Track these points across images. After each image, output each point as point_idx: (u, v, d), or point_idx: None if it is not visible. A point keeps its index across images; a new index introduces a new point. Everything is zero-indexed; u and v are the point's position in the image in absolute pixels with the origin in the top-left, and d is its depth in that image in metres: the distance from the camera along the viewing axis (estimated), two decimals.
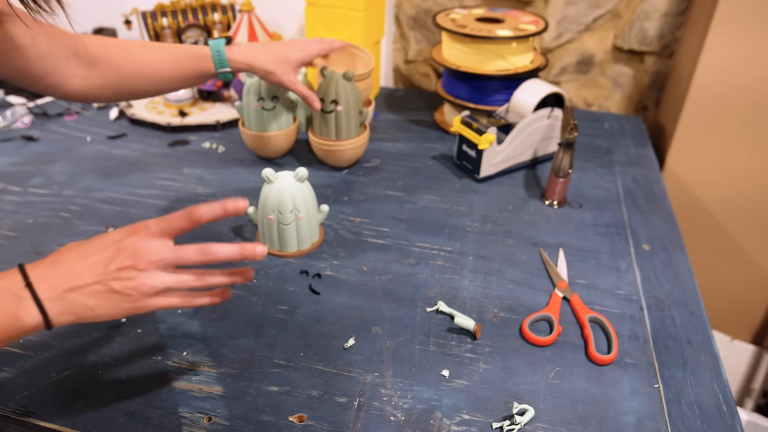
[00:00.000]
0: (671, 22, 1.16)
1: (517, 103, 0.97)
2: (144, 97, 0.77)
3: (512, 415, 0.56)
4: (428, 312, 0.69)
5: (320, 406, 0.57)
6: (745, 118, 1.02)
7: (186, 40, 1.18)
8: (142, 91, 0.75)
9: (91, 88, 0.70)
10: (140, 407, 0.56)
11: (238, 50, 0.79)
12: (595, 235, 0.84)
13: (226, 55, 0.77)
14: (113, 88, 0.72)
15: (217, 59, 0.77)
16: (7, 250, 0.78)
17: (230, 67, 0.78)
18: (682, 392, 0.60)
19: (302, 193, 0.74)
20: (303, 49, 0.83)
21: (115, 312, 0.46)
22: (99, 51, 0.70)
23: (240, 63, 0.79)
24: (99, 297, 0.46)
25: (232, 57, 0.78)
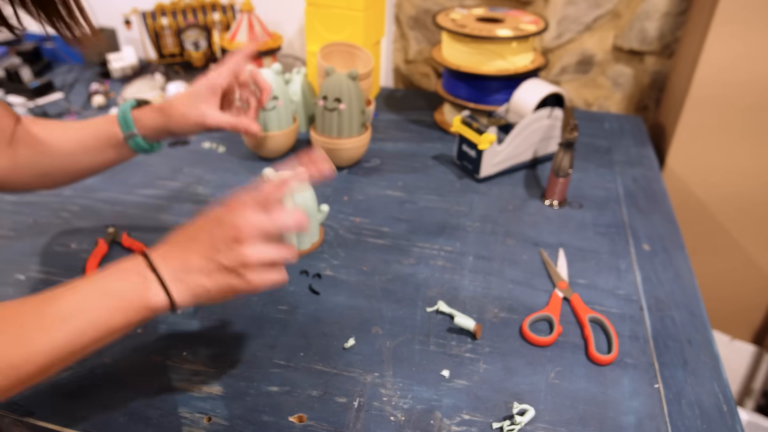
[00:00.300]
0: (671, 22, 1.16)
1: (517, 103, 0.97)
2: (65, 180, 0.69)
3: (512, 415, 0.56)
4: (428, 312, 0.69)
5: (320, 406, 0.57)
6: (745, 118, 1.02)
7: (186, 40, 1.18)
8: (61, 169, 0.68)
9: (13, 169, 0.64)
10: (140, 407, 0.56)
11: (150, 107, 0.70)
12: (595, 235, 0.84)
13: (131, 114, 0.67)
14: (35, 169, 0.66)
15: (122, 120, 0.67)
16: (7, 250, 0.78)
17: (137, 128, 0.68)
18: (682, 392, 0.60)
19: (302, 193, 0.74)
20: (209, 79, 0.71)
21: (227, 290, 0.48)
22: (28, 132, 0.66)
23: (150, 118, 0.68)
24: (212, 276, 0.48)
25: (139, 116, 0.68)
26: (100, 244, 0.78)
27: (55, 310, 0.44)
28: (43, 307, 0.44)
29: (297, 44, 1.37)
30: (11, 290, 0.71)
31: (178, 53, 1.20)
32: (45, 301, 0.45)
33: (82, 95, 1.26)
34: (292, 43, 1.37)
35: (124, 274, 0.47)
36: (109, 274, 0.47)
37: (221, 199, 0.52)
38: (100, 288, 0.46)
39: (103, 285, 0.46)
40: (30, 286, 0.72)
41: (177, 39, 1.18)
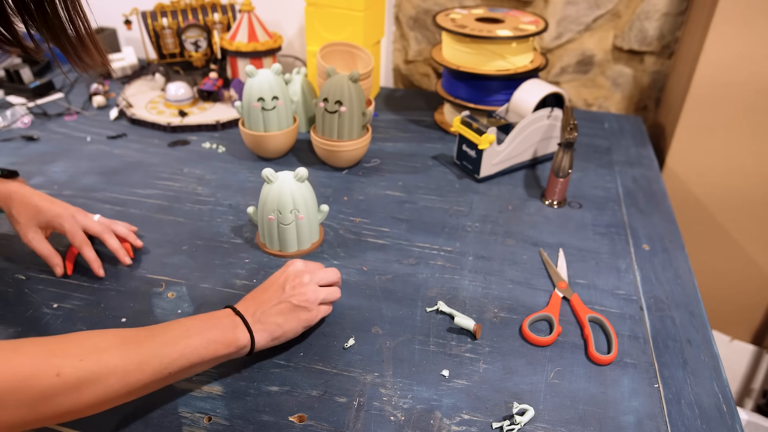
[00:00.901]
0: (671, 22, 1.16)
1: (517, 103, 0.97)
2: None
3: (512, 415, 0.56)
4: (428, 312, 0.69)
5: (320, 406, 0.57)
6: (745, 118, 1.02)
7: (186, 40, 1.18)
8: None
9: None
10: (140, 407, 0.56)
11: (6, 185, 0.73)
12: (595, 235, 0.84)
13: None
14: None
15: None
16: (8, 250, 0.78)
17: None
18: (682, 392, 0.60)
19: (302, 193, 0.74)
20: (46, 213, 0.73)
21: (298, 325, 0.61)
22: None
23: None
24: (284, 314, 0.60)
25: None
26: None
27: (165, 337, 0.52)
28: (156, 332, 0.53)
29: (297, 44, 1.37)
30: (11, 290, 0.71)
31: (178, 53, 1.20)
32: (156, 329, 0.53)
33: (83, 95, 1.26)
34: (292, 43, 1.37)
35: (217, 318, 0.57)
36: (204, 317, 0.57)
37: None
38: (200, 325, 0.55)
39: (202, 323, 0.56)
40: (30, 286, 0.72)
41: (177, 39, 1.18)
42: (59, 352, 0.46)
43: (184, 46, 1.19)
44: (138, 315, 0.67)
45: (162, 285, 0.72)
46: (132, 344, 0.50)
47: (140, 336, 0.51)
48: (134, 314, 0.68)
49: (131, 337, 0.51)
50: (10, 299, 0.70)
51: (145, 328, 0.53)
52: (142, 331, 0.52)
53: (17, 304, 0.69)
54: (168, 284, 0.72)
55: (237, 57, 1.16)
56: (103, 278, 0.73)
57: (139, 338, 0.51)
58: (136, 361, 0.49)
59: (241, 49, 1.13)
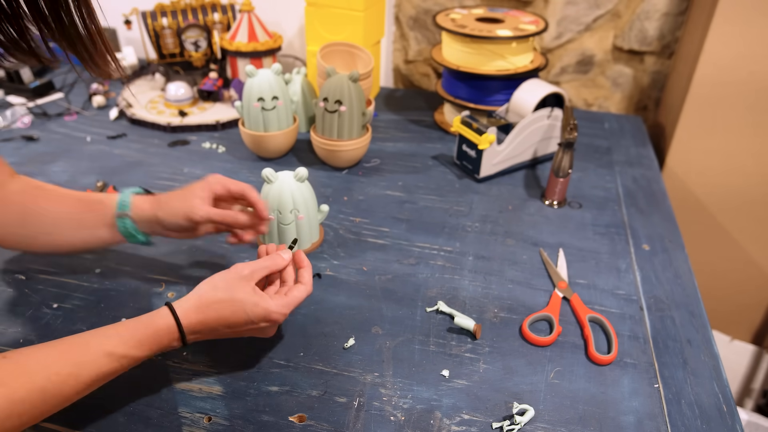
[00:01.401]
0: (671, 22, 1.16)
1: (517, 103, 0.97)
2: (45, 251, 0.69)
3: (512, 415, 0.56)
4: (428, 312, 0.69)
5: (320, 406, 0.57)
6: (745, 118, 1.02)
7: (186, 40, 1.18)
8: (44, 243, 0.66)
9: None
10: (140, 407, 0.56)
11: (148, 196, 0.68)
12: (595, 235, 0.84)
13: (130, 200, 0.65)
14: (15, 234, 0.65)
15: (121, 201, 0.65)
16: (8, 250, 0.78)
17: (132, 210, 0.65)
18: (682, 392, 0.60)
19: (302, 193, 0.74)
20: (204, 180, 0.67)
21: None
22: (18, 194, 0.65)
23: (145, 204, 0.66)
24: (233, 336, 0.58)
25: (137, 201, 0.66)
26: None
27: (91, 376, 0.49)
28: (82, 371, 0.49)
29: (297, 44, 1.37)
30: (11, 290, 0.71)
31: (178, 53, 1.20)
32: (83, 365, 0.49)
33: (83, 95, 1.26)
34: (292, 43, 1.37)
35: (159, 346, 0.53)
36: (143, 345, 0.53)
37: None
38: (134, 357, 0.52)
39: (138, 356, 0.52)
40: (30, 286, 0.72)
41: (177, 39, 1.18)
42: None
43: (184, 46, 1.19)
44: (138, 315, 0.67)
45: (162, 285, 0.72)
46: (53, 388, 0.47)
47: (63, 375, 0.48)
48: (134, 314, 0.67)
49: (53, 379, 0.47)
50: (10, 299, 0.70)
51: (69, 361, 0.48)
52: (66, 366, 0.48)
53: (17, 304, 0.69)
54: (168, 284, 0.72)
55: (237, 57, 1.16)
56: (103, 278, 0.73)
57: (61, 379, 0.47)
58: (55, 402, 0.48)
59: (241, 49, 1.13)
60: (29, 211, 0.64)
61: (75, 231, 0.65)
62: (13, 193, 0.64)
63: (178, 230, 0.66)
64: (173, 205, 0.65)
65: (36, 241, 0.66)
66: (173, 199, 0.65)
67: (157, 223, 0.66)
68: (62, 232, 0.65)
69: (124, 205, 0.65)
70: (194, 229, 0.67)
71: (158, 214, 0.65)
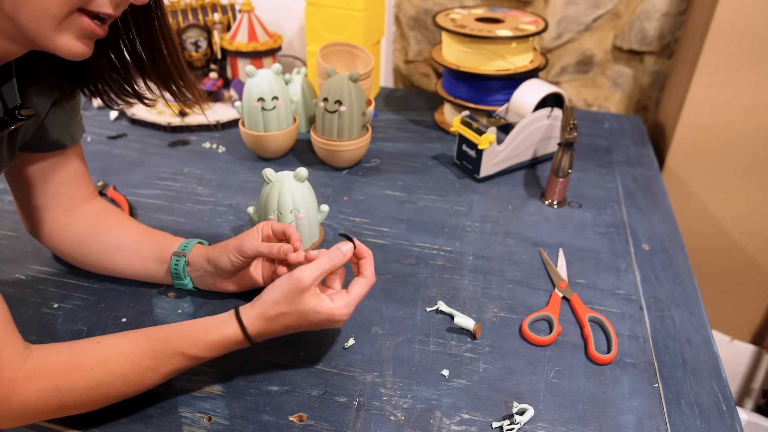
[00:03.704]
0: (671, 22, 1.16)
1: (517, 103, 0.97)
2: (100, 271, 0.71)
3: (512, 415, 0.56)
4: (428, 312, 0.69)
5: (320, 406, 0.57)
6: (744, 118, 1.02)
7: (186, 40, 1.18)
8: (100, 266, 0.70)
9: (59, 237, 0.69)
10: (140, 407, 0.56)
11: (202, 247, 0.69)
12: (594, 234, 0.84)
13: (193, 245, 0.68)
14: (76, 250, 0.70)
15: (184, 244, 0.68)
16: (8, 250, 0.78)
17: (190, 255, 0.67)
18: (681, 392, 0.60)
19: (302, 193, 0.74)
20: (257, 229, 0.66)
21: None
22: (93, 215, 0.69)
23: (201, 253, 0.67)
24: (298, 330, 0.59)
25: (197, 249, 0.68)
26: None
27: (167, 370, 0.55)
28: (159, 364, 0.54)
29: (297, 44, 1.37)
30: (11, 290, 0.71)
31: None
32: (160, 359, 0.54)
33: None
34: (292, 43, 1.37)
35: (227, 347, 0.56)
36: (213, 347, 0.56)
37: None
38: (204, 358, 0.56)
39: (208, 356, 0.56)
40: (30, 286, 0.72)
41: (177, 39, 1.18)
42: (63, 386, 0.49)
43: (184, 46, 1.19)
44: (138, 315, 0.67)
45: (162, 285, 0.72)
46: (133, 377, 0.52)
47: (143, 367, 0.53)
48: (134, 314, 0.68)
49: (135, 369, 0.53)
50: (10, 299, 0.70)
51: (149, 354, 0.53)
52: (147, 359, 0.53)
53: (17, 304, 0.69)
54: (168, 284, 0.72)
55: (237, 57, 1.16)
56: (103, 278, 0.73)
57: (142, 371, 0.53)
58: (134, 390, 0.53)
59: (241, 49, 1.13)
60: (98, 227, 0.69)
61: (129, 260, 0.69)
62: (89, 210, 0.70)
63: (229, 269, 0.65)
64: (226, 244, 0.66)
65: (90, 259, 0.70)
66: (226, 242, 0.66)
67: (208, 264, 0.66)
68: (116, 259, 0.69)
69: (186, 246, 0.68)
70: (244, 268, 0.67)
71: (210, 255, 0.66)
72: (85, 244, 0.69)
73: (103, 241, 0.69)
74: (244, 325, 0.55)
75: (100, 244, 0.69)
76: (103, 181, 0.93)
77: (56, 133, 0.63)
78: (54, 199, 0.67)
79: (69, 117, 0.64)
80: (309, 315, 0.55)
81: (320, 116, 0.93)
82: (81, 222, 0.69)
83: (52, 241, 0.70)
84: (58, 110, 0.62)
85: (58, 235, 0.69)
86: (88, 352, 0.52)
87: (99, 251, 0.69)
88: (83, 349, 0.52)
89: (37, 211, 0.67)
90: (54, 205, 0.67)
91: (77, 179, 0.68)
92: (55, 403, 0.49)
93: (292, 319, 0.56)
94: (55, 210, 0.68)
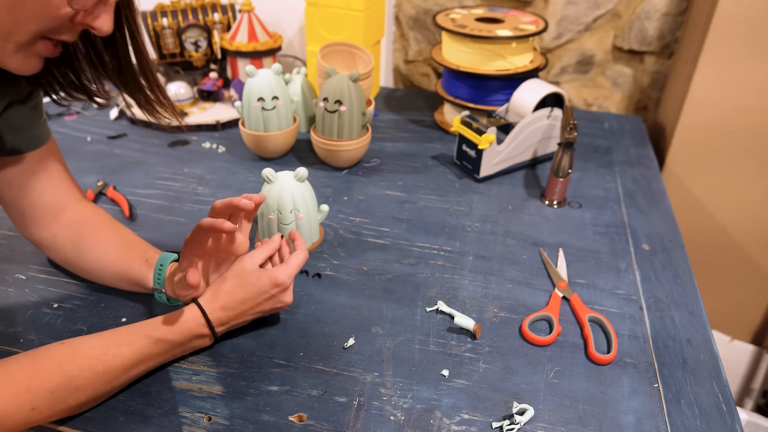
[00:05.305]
0: (671, 22, 1.16)
1: (517, 103, 0.97)
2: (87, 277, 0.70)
3: (512, 415, 0.56)
4: (428, 312, 0.69)
5: (320, 406, 0.57)
6: (744, 118, 1.02)
7: (186, 40, 1.18)
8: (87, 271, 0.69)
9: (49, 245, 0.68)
10: (140, 407, 0.56)
11: None
12: (594, 234, 0.84)
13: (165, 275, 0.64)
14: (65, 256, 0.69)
15: (157, 273, 0.64)
16: (8, 250, 0.78)
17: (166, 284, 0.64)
18: (681, 392, 0.60)
19: (302, 193, 0.74)
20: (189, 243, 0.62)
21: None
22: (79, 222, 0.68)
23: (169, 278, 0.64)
24: (253, 318, 0.63)
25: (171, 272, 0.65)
26: (88, 194, 0.89)
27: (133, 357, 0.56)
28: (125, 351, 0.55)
29: (297, 44, 1.37)
30: (11, 290, 0.71)
31: (178, 53, 1.20)
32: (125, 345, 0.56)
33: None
34: (292, 43, 1.37)
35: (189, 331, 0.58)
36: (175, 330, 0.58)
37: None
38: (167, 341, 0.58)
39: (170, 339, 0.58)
40: (30, 286, 0.72)
41: (177, 39, 1.18)
42: (34, 386, 0.49)
43: (184, 46, 1.19)
44: (138, 315, 0.67)
45: None
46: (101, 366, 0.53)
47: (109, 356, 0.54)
48: (134, 314, 0.68)
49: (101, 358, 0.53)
50: (10, 299, 0.70)
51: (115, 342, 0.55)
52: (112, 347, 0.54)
53: (17, 304, 0.69)
54: None
55: (237, 57, 1.16)
56: None
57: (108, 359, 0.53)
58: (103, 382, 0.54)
59: (241, 49, 1.13)
60: (80, 242, 0.68)
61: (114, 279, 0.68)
62: (72, 219, 0.68)
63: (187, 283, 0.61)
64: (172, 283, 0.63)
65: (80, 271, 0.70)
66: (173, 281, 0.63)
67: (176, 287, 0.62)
68: (102, 275, 0.68)
69: (161, 281, 0.64)
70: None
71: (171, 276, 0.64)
72: (72, 261, 0.69)
73: (86, 261, 0.68)
74: (200, 303, 0.59)
75: (84, 264, 0.68)
76: (103, 181, 0.93)
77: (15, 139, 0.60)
78: (34, 209, 0.65)
79: (27, 120, 0.61)
80: (252, 278, 0.59)
81: (320, 116, 0.93)
82: (66, 237, 0.67)
83: (47, 252, 0.70)
84: (13, 113, 0.59)
85: (48, 247, 0.69)
86: (53, 352, 0.52)
87: (84, 270, 0.69)
88: (48, 349, 0.52)
89: (23, 220, 0.67)
90: (39, 215, 0.66)
91: (56, 183, 0.66)
92: (28, 407, 0.48)
93: (240, 290, 0.59)
94: (42, 218, 0.66)
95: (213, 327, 0.59)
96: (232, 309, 0.60)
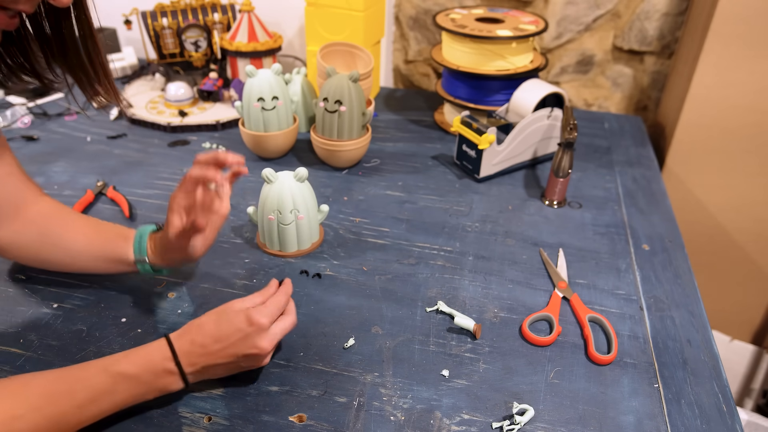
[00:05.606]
0: (671, 22, 1.16)
1: (517, 103, 0.97)
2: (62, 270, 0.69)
3: (512, 415, 0.56)
4: (428, 312, 0.69)
5: (320, 406, 0.57)
6: (744, 118, 1.02)
7: (186, 40, 1.18)
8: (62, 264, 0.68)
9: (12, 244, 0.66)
10: (140, 407, 0.56)
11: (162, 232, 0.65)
12: (594, 235, 0.84)
13: (147, 239, 0.65)
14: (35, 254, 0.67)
15: (137, 245, 0.65)
16: None
17: (149, 254, 0.65)
18: (681, 392, 0.60)
19: (302, 193, 0.74)
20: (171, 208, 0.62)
21: (238, 371, 0.58)
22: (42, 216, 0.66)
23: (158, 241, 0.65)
24: (228, 370, 0.57)
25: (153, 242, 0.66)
26: (88, 194, 0.89)
27: (87, 394, 0.50)
28: (77, 388, 0.50)
29: (297, 44, 1.37)
30: (11, 290, 0.71)
31: (178, 53, 1.20)
32: (78, 384, 0.50)
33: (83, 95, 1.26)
34: (292, 43, 1.37)
35: (152, 373, 0.53)
36: (139, 367, 0.52)
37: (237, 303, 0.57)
38: (129, 381, 0.52)
39: (132, 380, 0.52)
40: (30, 286, 0.72)
41: (177, 39, 1.18)
42: None
43: (184, 46, 1.19)
44: (138, 315, 0.67)
45: (163, 283, 0.72)
46: (49, 407, 0.48)
47: (59, 393, 0.49)
48: (134, 314, 0.68)
49: (49, 396, 0.48)
50: (10, 299, 0.70)
51: (66, 378, 0.50)
52: (62, 383, 0.50)
53: (17, 304, 0.69)
54: (168, 284, 0.72)
55: (237, 57, 1.16)
56: (103, 278, 0.73)
57: (57, 397, 0.48)
58: (52, 424, 0.48)
59: (241, 49, 1.13)
60: (49, 234, 0.66)
61: (92, 261, 0.67)
62: (36, 215, 0.66)
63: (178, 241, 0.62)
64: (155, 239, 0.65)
65: (51, 263, 0.69)
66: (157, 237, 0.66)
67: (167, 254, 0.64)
68: (79, 260, 0.67)
69: (142, 251, 0.65)
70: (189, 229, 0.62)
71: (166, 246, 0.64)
72: (41, 255, 0.67)
73: (60, 251, 0.66)
74: (169, 337, 0.54)
75: (57, 255, 0.66)
76: (103, 181, 0.93)
77: None
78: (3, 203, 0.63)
79: None
80: (228, 314, 0.55)
81: (320, 116, 0.93)
82: (31, 232, 0.66)
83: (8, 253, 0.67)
84: None
85: (9, 246, 0.66)
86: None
87: (58, 261, 0.67)
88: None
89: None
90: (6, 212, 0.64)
91: (12, 181, 0.64)
92: None
93: (213, 324, 0.55)
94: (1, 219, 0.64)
95: (180, 362, 0.53)
96: (202, 346, 0.54)
